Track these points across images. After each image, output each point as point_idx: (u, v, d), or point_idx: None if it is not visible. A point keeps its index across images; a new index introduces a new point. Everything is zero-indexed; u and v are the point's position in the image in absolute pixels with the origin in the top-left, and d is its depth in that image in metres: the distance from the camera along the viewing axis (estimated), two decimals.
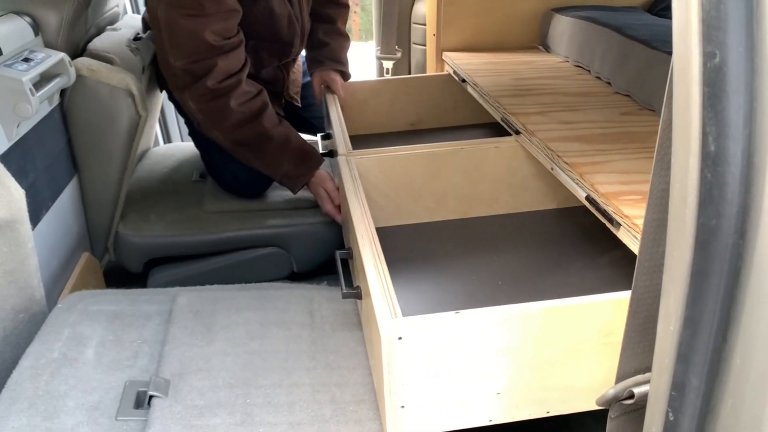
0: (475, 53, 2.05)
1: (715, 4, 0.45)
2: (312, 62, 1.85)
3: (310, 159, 1.57)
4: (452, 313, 0.86)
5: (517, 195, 1.48)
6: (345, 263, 1.24)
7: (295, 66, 1.90)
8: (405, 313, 0.89)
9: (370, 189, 1.39)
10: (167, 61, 1.46)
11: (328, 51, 1.83)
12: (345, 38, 1.89)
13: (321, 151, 1.65)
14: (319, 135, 1.81)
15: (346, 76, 1.85)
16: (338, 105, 1.73)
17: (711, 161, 0.48)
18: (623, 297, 0.89)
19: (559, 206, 1.50)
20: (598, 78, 1.70)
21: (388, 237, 1.39)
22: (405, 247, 1.37)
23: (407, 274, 1.27)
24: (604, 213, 1.05)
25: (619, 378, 0.68)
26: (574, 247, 1.34)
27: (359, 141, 1.85)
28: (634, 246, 0.98)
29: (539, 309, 0.87)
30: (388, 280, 0.96)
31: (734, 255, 0.50)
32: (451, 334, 0.86)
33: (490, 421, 0.95)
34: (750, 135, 0.47)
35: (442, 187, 1.44)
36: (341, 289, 1.11)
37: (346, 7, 1.90)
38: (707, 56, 0.46)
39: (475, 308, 0.87)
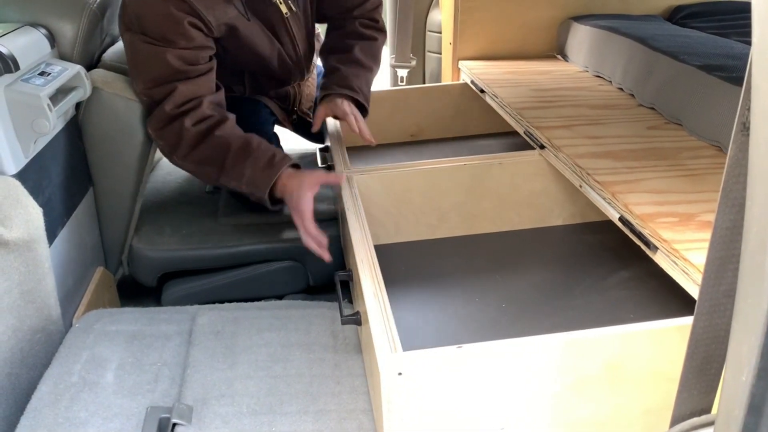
0: (491, 62, 2.02)
1: None
2: (321, 89, 1.63)
3: (280, 159, 1.35)
4: (454, 347, 0.82)
5: (521, 212, 1.44)
6: (346, 285, 1.20)
7: (309, 80, 1.83)
8: (405, 341, 0.85)
9: (371, 206, 1.36)
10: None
11: (337, 77, 1.58)
12: (365, 68, 1.61)
13: (320, 164, 1.59)
14: (317, 147, 1.78)
15: (360, 105, 1.58)
16: (337, 120, 1.63)
17: None
18: (631, 331, 0.86)
19: (564, 223, 1.47)
20: (620, 89, 1.67)
21: (390, 254, 1.36)
22: (407, 266, 1.33)
23: (407, 295, 1.23)
24: (640, 236, 1.02)
25: (675, 420, 0.65)
26: (578, 267, 1.31)
27: (359, 153, 1.82)
28: (672, 271, 0.95)
29: (544, 342, 0.83)
30: (388, 310, 0.91)
31: None
32: (453, 368, 0.82)
33: None
34: None
35: (444, 203, 1.41)
36: (340, 314, 1.06)
37: (381, 32, 1.68)
38: None
39: (478, 340, 0.84)
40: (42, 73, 1.24)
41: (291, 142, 2.02)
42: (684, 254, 0.92)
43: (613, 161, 1.24)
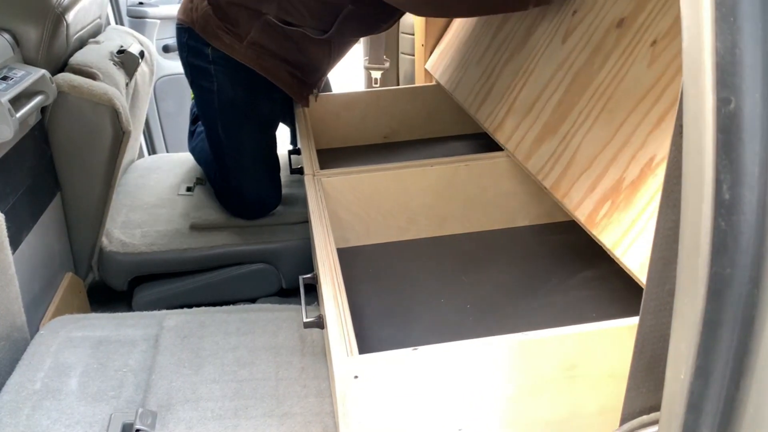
0: None
1: (730, 48, 0.43)
2: None
3: None
4: (410, 350, 0.83)
5: (488, 213, 1.44)
6: (313, 288, 1.19)
7: None
8: (367, 344, 0.84)
9: (340, 209, 1.36)
10: None
11: None
12: None
13: (291, 166, 1.57)
14: (287, 150, 1.76)
15: None
16: (308, 120, 1.64)
17: (725, 210, 0.46)
18: (584, 331, 0.86)
19: (531, 223, 1.48)
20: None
21: (359, 257, 1.36)
22: (375, 268, 1.32)
23: (373, 297, 1.22)
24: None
25: (624, 419, 0.66)
26: (544, 267, 1.31)
27: (331, 155, 1.82)
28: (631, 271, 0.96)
29: (498, 344, 0.83)
30: (347, 313, 0.91)
31: (748, 304, 0.48)
32: (409, 371, 0.82)
33: None
34: (766, 183, 0.45)
35: (412, 205, 1.40)
36: (303, 318, 1.05)
37: None
38: (722, 102, 0.44)
39: (440, 341, 0.84)
40: (4, 78, 1.23)
41: None
42: None
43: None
